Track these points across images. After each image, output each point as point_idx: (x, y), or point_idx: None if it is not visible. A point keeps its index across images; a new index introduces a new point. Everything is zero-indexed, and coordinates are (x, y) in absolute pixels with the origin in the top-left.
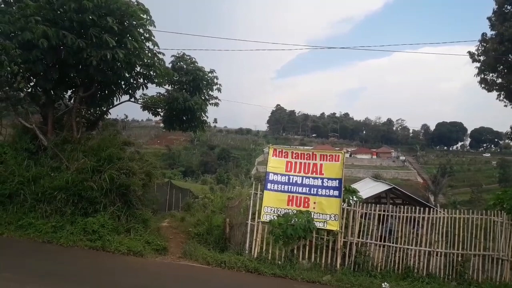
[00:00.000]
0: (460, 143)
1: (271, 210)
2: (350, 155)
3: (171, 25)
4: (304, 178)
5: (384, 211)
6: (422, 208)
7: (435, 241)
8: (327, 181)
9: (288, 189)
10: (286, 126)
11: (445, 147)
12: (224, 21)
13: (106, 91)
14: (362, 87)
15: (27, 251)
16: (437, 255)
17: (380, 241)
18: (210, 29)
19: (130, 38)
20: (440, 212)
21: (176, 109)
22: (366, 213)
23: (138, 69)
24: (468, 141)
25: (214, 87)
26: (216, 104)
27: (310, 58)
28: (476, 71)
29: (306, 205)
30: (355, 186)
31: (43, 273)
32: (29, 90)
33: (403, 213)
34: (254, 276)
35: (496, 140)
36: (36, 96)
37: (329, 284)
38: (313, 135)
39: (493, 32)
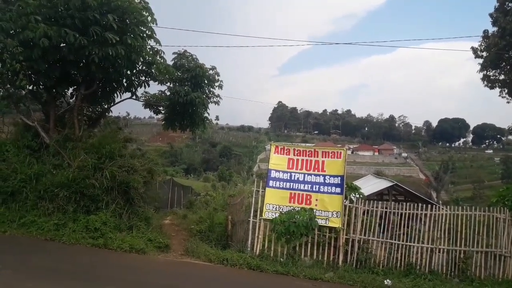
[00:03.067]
0: (462, 140)
1: (273, 207)
2: (352, 152)
3: (169, 20)
4: (306, 175)
5: (386, 208)
6: (424, 205)
7: (437, 238)
8: (329, 178)
9: (290, 186)
10: (288, 123)
11: (448, 144)
12: (224, 17)
13: (108, 89)
14: (364, 83)
15: (30, 249)
16: (439, 252)
17: (382, 238)
18: (209, 25)
19: (131, 35)
20: (443, 208)
21: (178, 103)
22: (368, 210)
23: (139, 66)
24: (470, 138)
25: (216, 84)
26: (217, 103)
27: (312, 55)
28: (479, 67)
29: (308, 202)
30: (357, 183)
31: (45, 271)
32: (31, 87)
33: (406, 210)
34: (256, 273)
35: (498, 136)
36: (37, 94)
37: (331, 281)
38: (315, 132)
39: (495, 29)
